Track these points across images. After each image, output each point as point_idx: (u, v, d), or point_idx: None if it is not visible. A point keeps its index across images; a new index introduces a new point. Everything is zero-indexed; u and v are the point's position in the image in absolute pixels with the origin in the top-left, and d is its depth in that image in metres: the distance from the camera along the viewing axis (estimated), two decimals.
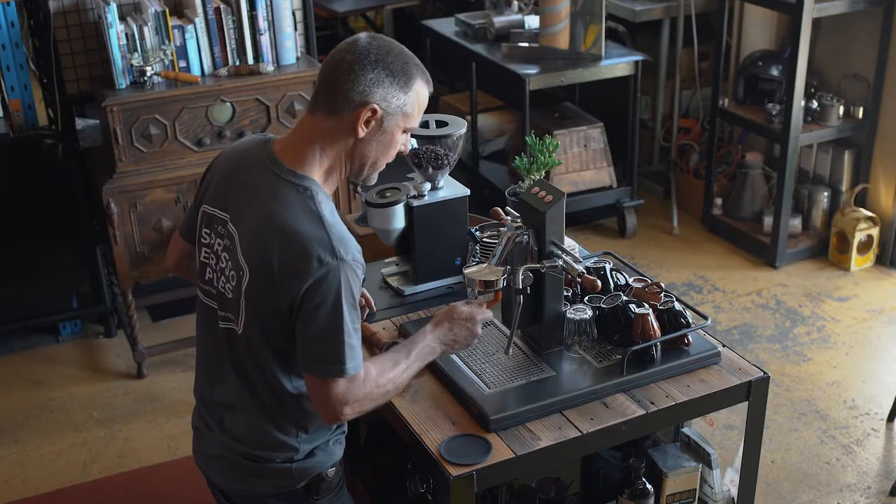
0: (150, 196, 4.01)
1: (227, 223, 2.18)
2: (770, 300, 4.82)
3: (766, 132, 5.07)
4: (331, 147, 2.15)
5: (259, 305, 2.12)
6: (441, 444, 2.25)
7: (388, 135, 2.17)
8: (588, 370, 2.47)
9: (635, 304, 2.51)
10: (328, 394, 2.09)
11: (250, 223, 2.12)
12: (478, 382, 2.42)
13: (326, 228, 2.07)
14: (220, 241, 2.19)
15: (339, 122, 2.12)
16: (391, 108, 2.13)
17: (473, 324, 2.35)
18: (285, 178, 2.13)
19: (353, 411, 2.13)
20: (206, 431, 2.33)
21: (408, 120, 2.18)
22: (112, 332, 4.61)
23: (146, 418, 4.06)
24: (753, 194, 5.33)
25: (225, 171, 2.24)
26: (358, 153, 2.16)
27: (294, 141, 2.18)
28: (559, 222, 2.43)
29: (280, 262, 2.06)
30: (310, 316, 2.06)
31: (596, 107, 5.54)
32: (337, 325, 2.06)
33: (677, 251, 5.29)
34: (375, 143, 2.16)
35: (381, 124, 2.14)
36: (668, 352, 2.51)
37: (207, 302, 2.27)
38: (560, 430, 2.30)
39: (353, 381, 2.10)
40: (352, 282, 2.08)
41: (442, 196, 2.82)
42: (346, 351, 2.08)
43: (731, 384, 2.47)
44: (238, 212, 2.16)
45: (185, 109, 3.99)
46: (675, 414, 2.43)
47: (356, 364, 2.10)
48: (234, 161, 2.24)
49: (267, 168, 2.16)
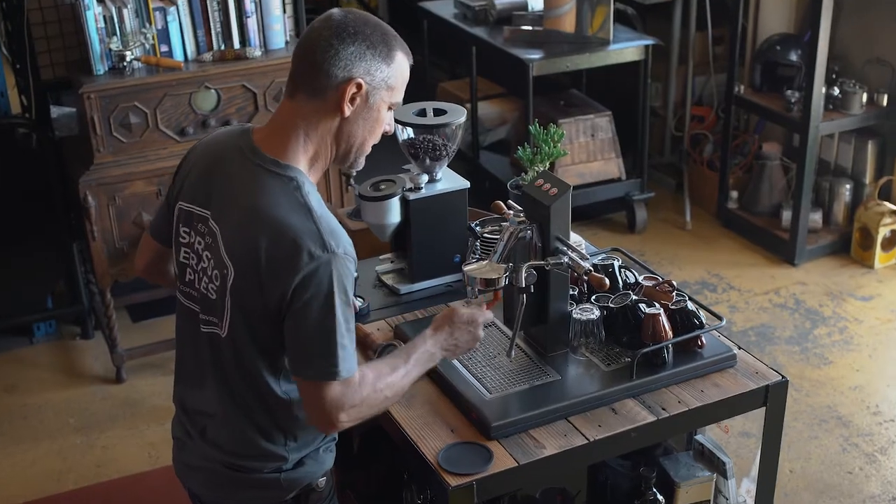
0: (130, 189, 4.01)
1: (207, 220, 2.17)
2: (789, 299, 4.82)
3: (785, 121, 5.07)
4: (315, 131, 2.15)
5: (245, 305, 2.11)
6: (439, 452, 2.25)
7: (375, 111, 2.17)
8: (595, 374, 2.46)
9: (645, 304, 2.51)
10: (322, 399, 2.08)
11: (234, 218, 2.12)
12: (478, 387, 2.42)
13: (315, 220, 2.07)
14: (201, 239, 2.19)
15: (322, 103, 2.12)
16: (375, 81, 2.13)
17: (475, 327, 2.35)
18: (269, 168, 2.13)
19: (350, 418, 2.12)
20: (186, 441, 2.33)
21: (392, 94, 2.18)
22: (89, 334, 4.61)
23: (125, 425, 4.05)
24: (771, 187, 5.33)
25: (202, 166, 2.23)
26: (344, 134, 2.17)
27: (275, 129, 2.18)
28: (564, 217, 2.43)
29: (268, 256, 2.05)
30: (300, 314, 2.06)
31: (604, 94, 5.54)
32: (329, 323, 2.06)
33: (690, 247, 5.29)
34: (362, 122, 2.17)
35: (366, 100, 2.14)
36: (681, 354, 2.51)
37: (188, 305, 2.26)
38: (566, 438, 2.30)
39: (349, 385, 2.09)
40: (344, 277, 2.07)
41: (440, 189, 2.82)
42: (339, 352, 2.07)
43: (747, 389, 2.47)
44: (220, 207, 2.16)
45: (167, 97, 3.99)
46: (688, 420, 2.43)
47: (350, 367, 2.09)
48: (212, 154, 2.24)
49: (248, 159, 2.15)
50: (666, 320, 2.47)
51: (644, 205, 5.41)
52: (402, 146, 2.87)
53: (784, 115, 5.02)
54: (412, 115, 2.85)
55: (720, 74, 5.61)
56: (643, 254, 5.19)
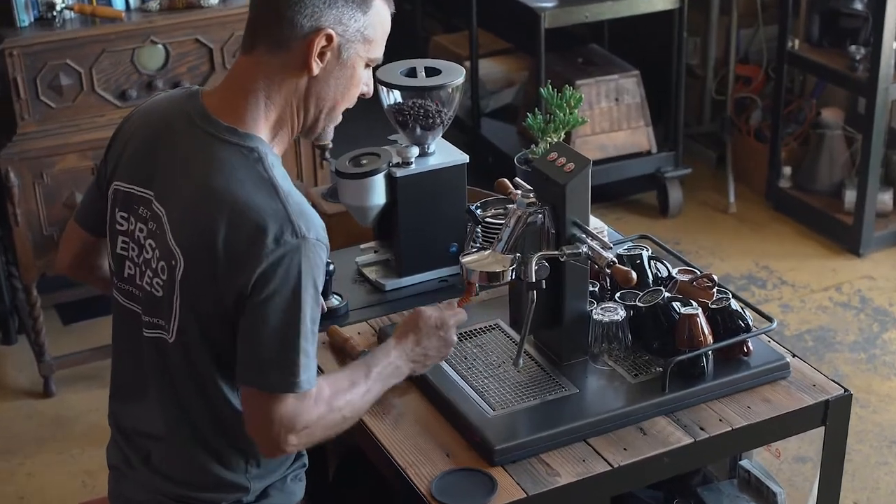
0: (61, 164, 4.00)
1: (150, 202, 2.17)
2: (853, 297, 4.83)
3: (848, 82, 5.07)
4: (278, 92, 2.15)
5: (197, 302, 2.11)
6: (432, 481, 2.25)
7: (349, 69, 2.17)
8: (620, 387, 2.47)
9: (680, 303, 2.51)
10: (271, 415, 2.07)
11: (183, 198, 2.12)
12: (479, 402, 2.42)
13: (282, 199, 2.07)
14: (143, 225, 2.19)
15: (286, 58, 2.12)
16: (349, 32, 2.14)
17: (446, 330, 2.36)
18: (223, 137, 2.12)
19: (300, 441, 2.12)
20: (126, 470, 2.33)
21: (370, 48, 2.19)
22: (11, 339, 4.61)
23: (55, 448, 4.05)
24: (831, 162, 5.33)
25: (141, 137, 2.23)
26: (313, 96, 2.17)
27: (229, 90, 2.17)
28: (583, 198, 2.43)
29: (225, 243, 2.05)
30: (260, 310, 2.05)
31: (630, 50, 5.54)
32: (293, 323, 2.06)
33: (734, 234, 5.30)
34: (334, 81, 2.17)
35: (338, 55, 2.14)
36: (723, 363, 2.51)
37: (128, 305, 2.26)
38: (584, 464, 2.30)
39: (304, 400, 2.09)
40: (315, 268, 2.07)
41: (433, 164, 2.82)
42: (301, 358, 2.07)
43: (802, 405, 2.48)
44: (165, 186, 2.15)
45: (106, 53, 3.98)
46: (732, 443, 2.43)
47: (309, 377, 2.09)
48: (153, 123, 2.23)
49: (198, 128, 2.15)
50: (705, 322, 2.47)
51: (679, 183, 5.41)
52: (388, 113, 2.87)
53: (847, 75, 5.02)
54: (399, 76, 2.85)
55: (770, 26, 5.61)
56: (678, 242, 5.19)
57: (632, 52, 5.50)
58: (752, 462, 2.84)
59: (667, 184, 5.37)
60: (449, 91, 2.83)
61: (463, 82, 2.87)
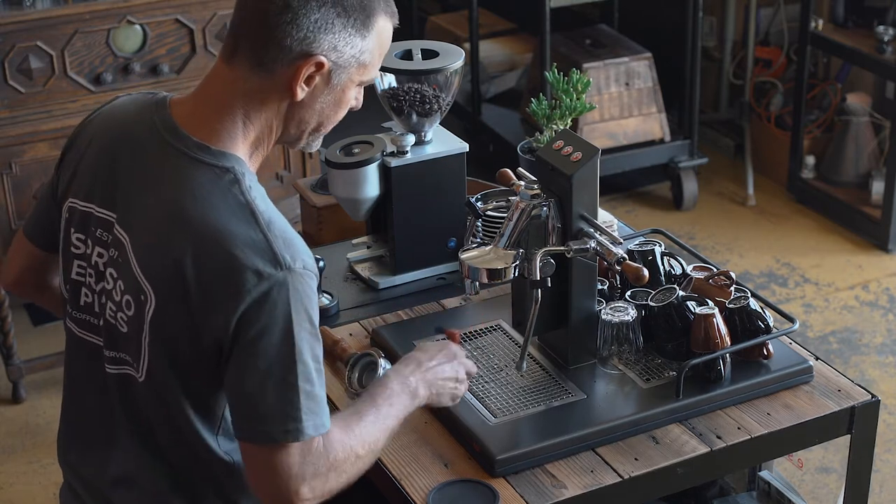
0: (31, 152, 4.01)
1: (112, 226, 2.08)
2: (881, 296, 4.83)
3: (876, 65, 5.07)
4: (257, 113, 2.07)
5: (171, 343, 2.03)
6: (430, 492, 2.25)
7: (338, 92, 2.10)
8: (631, 392, 2.47)
9: (696, 302, 2.51)
10: (275, 468, 1.99)
11: (149, 225, 2.03)
12: (480, 409, 2.42)
13: (262, 226, 1.99)
14: (103, 251, 2.10)
15: (268, 80, 2.04)
16: (343, 59, 2.05)
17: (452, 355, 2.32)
18: (193, 155, 2.03)
19: (315, 494, 2.03)
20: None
21: (364, 72, 2.11)
22: None
23: (24, 458, 4.06)
24: (858, 151, 5.34)
25: (101, 147, 2.14)
26: (295, 119, 2.10)
27: (204, 103, 2.08)
28: (591, 189, 2.43)
29: (199, 277, 1.97)
30: (248, 354, 1.97)
31: (642, 31, 5.55)
32: (289, 364, 1.98)
33: (753, 229, 5.30)
34: (319, 106, 2.10)
35: (328, 80, 2.07)
36: (741, 367, 2.52)
37: (85, 337, 2.17)
38: (592, 475, 2.30)
39: (311, 446, 2.01)
40: (306, 300, 2.00)
41: (430, 153, 2.82)
42: (303, 402, 1.98)
43: (826, 411, 2.48)
44: (129, 209, 2.06)
45: (79, 34, 3.98)
46: (750, 452, 2.43)
47: (316, 423, 2.01)
48: (115, 132, 2.14)
49: (165, 142, 2.06)
50: (722, 323, 2.47)
51: (694, 173, 5.42)
52: (382, 98, 2.87)
53: (875, 57, 5.02)
54: (395, 59, 2.85)
55: (792, 5, 5.62)
56: (693, 237, 5.20)
57: (643, 32, 5.51)
58: (772, 473, 2.84)
59: (681, 174, 5.37)
60: (447, 75, 2.83)
61: (462, 65, 2.87)
